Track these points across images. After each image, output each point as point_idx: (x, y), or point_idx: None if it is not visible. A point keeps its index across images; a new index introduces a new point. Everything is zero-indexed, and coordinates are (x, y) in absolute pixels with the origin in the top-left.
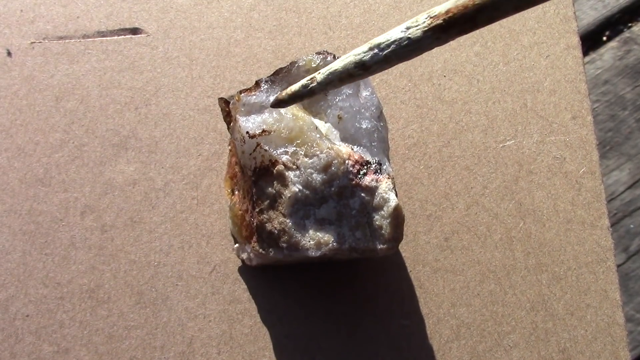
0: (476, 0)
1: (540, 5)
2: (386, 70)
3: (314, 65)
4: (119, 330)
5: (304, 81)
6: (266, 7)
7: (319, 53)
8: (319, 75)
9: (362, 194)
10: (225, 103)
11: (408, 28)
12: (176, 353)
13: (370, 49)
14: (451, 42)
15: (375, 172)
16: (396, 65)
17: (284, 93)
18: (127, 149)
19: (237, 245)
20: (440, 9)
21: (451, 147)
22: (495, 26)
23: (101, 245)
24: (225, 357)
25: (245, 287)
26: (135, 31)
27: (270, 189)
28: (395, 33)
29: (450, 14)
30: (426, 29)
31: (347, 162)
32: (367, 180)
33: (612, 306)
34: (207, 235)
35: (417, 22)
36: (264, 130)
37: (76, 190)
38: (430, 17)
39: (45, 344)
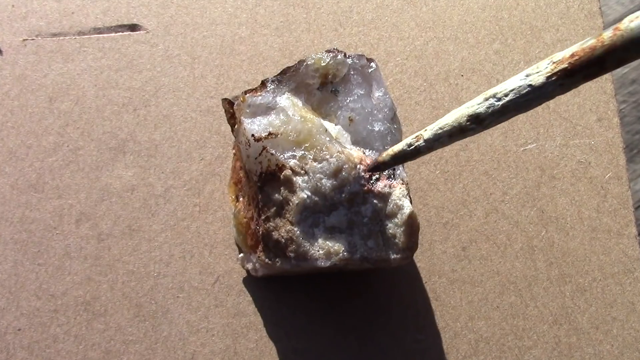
0: (605, 42)
1: (564, 0)
2: (400, 69)
3: (324, 63)
4: (116, 345)
5: (408, 140)
6: (273, 2)
7: (328, 51)
8: (426, 133)
9: (375, 201)
10: (229, 104)
11: (528, 75)
12: None
13: (486, 99)
14: (469, 39)
15: (389, 177)
16: (410, 65)
17: (384, 154)
18: (125, 153)
19: (241, 254)
20: (563, 53)
21: (469, 151)
22: (516, 22)
23: (97, 255)
24: None
25: (251, 299)
26: (133, 28)
27: (277, 195)
28: (514, 82)
29: (575, 57)
30: (549, 74)
31: (358, 166)
32: (380, 186)
33: None
34: (210, 245)
35: (539, 68)
36: (270, 133)
37: (71, 196)
38: (554, 62)
39: None
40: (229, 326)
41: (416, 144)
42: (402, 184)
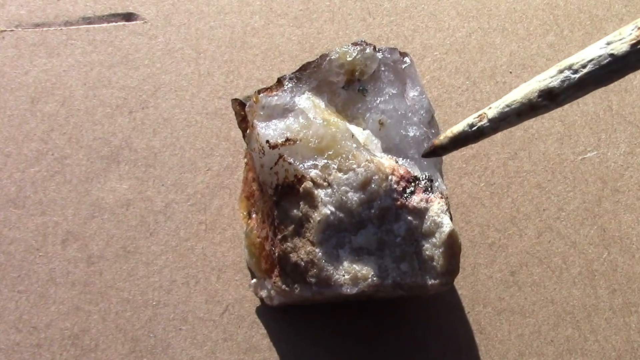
0: None
1: None
2: (439, 65)
3: (350, 58)
4: None
5: (469, 119)
6: None
7: (355, 44)
8: (490, 111)
9: (409, 218)
10: (240, 105)
11: (609, 43)
12: None
13: (560, 71)
14: (518, 31)
15: (425, 190)
16: (450, 60)
17: (442, 136)
18: (119, 163)
19: (254, 280)
20: None
21: (519, 160)
22: (573, 11)
23: (87, 281)
24: None
25: (265, 331)
26: (129, 17)
27: (295, 211)
28: (592, 50)
29: None
30: (634, 41)
31: (390, 177)
32: (415, 200)
33: None
34: (218, 269)
35: (622, 35)
36: (287, 139)
37: (56, 213)
38: (639, 28)
39: None
40: None
41: (479, 124)
42: (441, 198)
